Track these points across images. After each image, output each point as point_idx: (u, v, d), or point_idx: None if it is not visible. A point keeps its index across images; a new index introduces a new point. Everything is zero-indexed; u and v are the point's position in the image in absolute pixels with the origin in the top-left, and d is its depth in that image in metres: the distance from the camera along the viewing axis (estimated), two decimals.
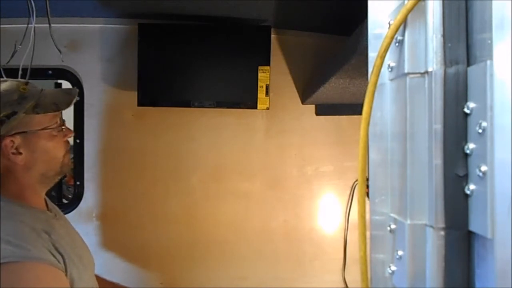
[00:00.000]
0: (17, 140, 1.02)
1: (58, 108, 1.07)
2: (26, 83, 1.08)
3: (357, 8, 0.74)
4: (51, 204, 1.20)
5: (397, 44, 0.47)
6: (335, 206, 1.89)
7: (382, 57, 0.46)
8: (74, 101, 1.12)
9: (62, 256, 0.99)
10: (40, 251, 0.94)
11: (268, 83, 1.67)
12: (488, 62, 0.38)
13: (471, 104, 0.41)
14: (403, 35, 0.46)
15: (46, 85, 1.61)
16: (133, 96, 1.68)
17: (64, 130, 1.13)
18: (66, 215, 1.27)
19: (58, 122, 1.11)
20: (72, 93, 1.13)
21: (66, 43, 1.72)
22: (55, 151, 1.09)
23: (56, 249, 0.99)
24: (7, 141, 1.01)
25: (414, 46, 0.45)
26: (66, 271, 0.99)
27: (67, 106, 1.09)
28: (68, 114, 1.57)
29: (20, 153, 1.03)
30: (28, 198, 1.07)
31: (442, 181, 0.42)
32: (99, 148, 1.79)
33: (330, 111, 1.83)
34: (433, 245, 0.43)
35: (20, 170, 1.04)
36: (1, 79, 1.15)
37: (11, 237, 0.91)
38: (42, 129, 1.05)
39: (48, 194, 1.21)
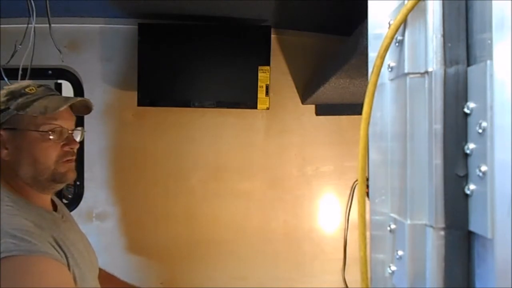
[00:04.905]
0: (5, 134, 1.02)
1: (46, 111, 1.01)
2: (40, 86, 1.07)
3: (357, 8, 0.74)
4: (60, 206, 1.18)
5: (397, 44, 0.47)
6: (335, 206, 1.89)
7: (382, 57, 0.46)
8: (63, 107, 1.03)
9: (65, 254, 0.99)
10: (44, 245, 0.94)
11: (268, 83, 1.67)
12: (488, 62, 0.38)
13: (471, 104, 0.41)
14: (403, 35, 0.46)
15: None
16: (133, 96, 1.68)
17: (67, 137, 1.07)
18: None
19: (60, 127, 1.05)
20: (68, 101, 1.06)
21: (66, 43, 1.73)
22: (42, 156, 1.03)
23: (60, 246, 0.99)
24: None
25: (414, 46, 0.45)
26: (68, 268, 0.98)
27: (53, 110, 1.02)
28: None
29: (6, 149, 1.02)
30: (31, 197, 1.05)
31: (442, 181, 0.42)
32: (99, 148, 1.79)
33: (330, 111, 1.83)
34: (433, 245, 0.43)
35: (8, 167, 1.04)
36: (27, 80, 1.16)
37: (16, 231, 0.91)
38: (32, 130, 1.02)
39: None
